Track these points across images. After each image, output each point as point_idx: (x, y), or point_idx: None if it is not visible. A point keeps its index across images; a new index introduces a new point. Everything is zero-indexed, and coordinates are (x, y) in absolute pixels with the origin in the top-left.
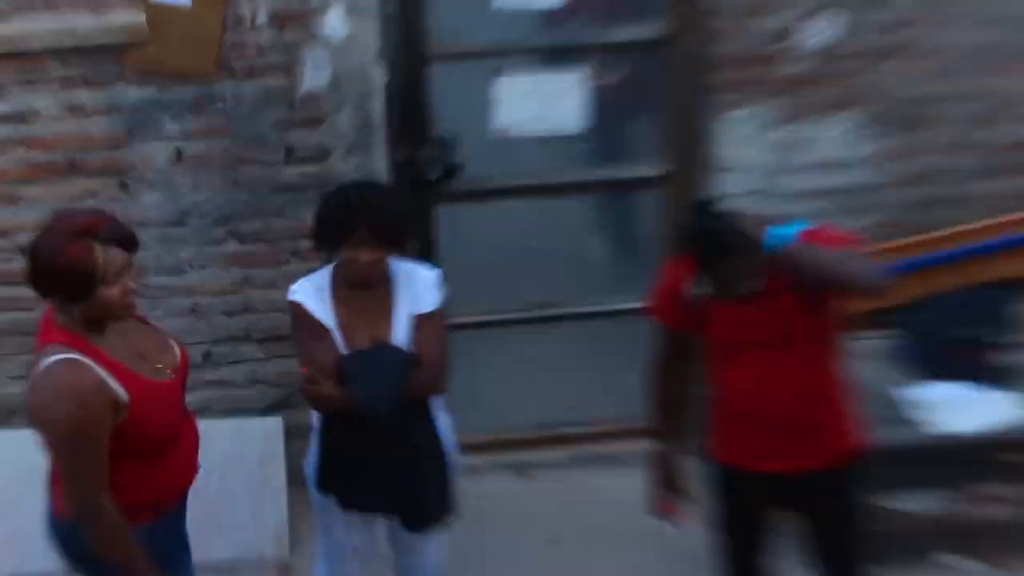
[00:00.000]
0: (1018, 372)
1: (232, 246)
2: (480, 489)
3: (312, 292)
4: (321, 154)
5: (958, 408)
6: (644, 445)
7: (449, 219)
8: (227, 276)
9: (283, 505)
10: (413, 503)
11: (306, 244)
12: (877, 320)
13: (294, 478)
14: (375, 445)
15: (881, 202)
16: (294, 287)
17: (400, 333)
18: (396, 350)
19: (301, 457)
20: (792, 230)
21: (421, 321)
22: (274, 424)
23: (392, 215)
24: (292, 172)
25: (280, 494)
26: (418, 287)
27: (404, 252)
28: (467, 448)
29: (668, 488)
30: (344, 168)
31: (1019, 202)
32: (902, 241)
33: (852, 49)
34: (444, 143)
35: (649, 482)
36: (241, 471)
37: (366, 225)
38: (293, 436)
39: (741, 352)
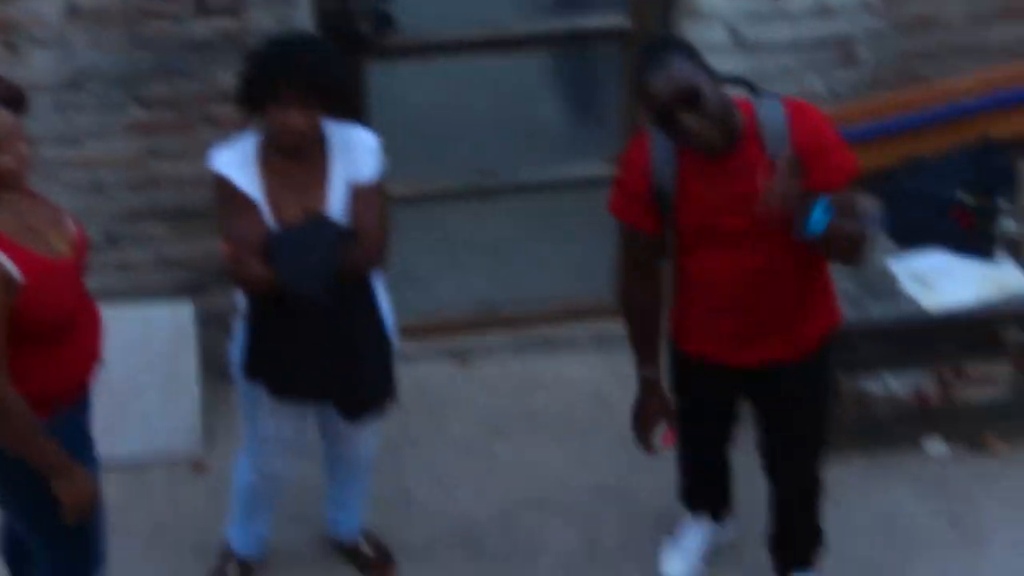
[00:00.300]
0: (1013, 240)
1: (135, 113)
2: (414, 376)
3: (237, 161)
4: (236, 6)
5: (948, 280)
6: (592, 327)
7: (382, 78)
8: (130, 147)
9: (196, 397)
10: (349, 389)
11: (220, 110)
12: (860, 185)
13: (208, 368)
14: (307, 328)
15: (869, 54)
16: (216, 155)
17: (335, 205)
18: (329, 225)
19: (215, 345)
20: (825, 213)
21: (358, 191)
22: (184, 310)
23: (326, 72)
24: (203, 27)
25: (192, 385)
26: (355, 153)
27: (340, 114)
28: (401, 333)
29: (656, 415)
30: (264, 21)
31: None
32: (888, 98)
33: None
34: None
35: (638, 411)
36: (149, 361)
37: (296, 84)
38: (206, 322)
39: (712, 237)
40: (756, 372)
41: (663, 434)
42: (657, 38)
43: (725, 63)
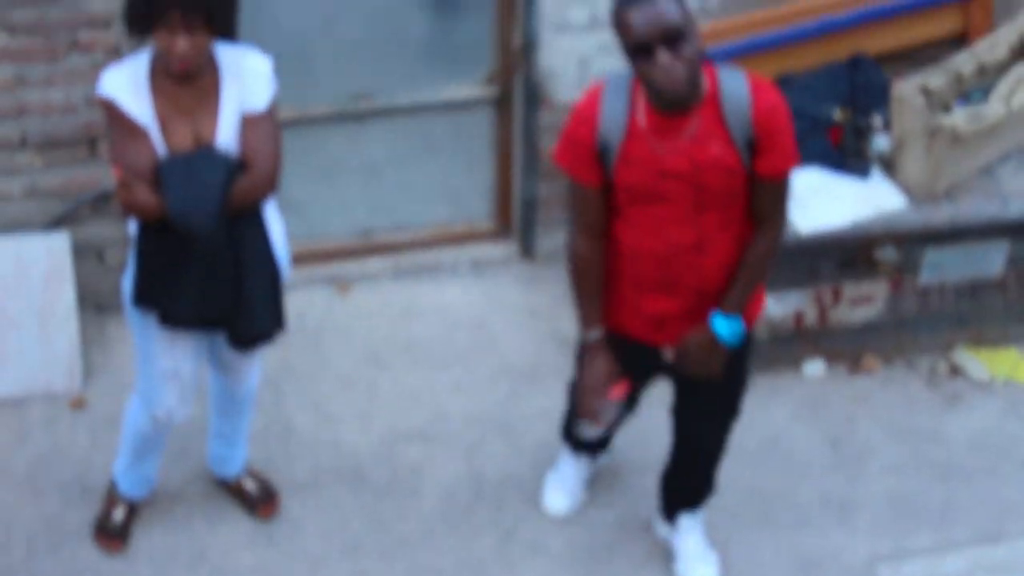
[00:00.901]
0: (887, 157)
1: (0, 39)
2: (293, 304)
3: (127, 84)
4: None
5: (823, 199)
6: (470, 252)
7: (250, 1)
8: None
9: (73, 331)
10: (239, 317)
11: (88, 35)
12: None
13: (85, 301)
14: (196, 256)
15: None
16: (105, 78)
17: (227, 132)
18: (218, 154)
19: (92, 278)
20: (737, 328)
21: (251, 119)
22: (59, 241)
23: None
24: None
25: (70, 319)
26: (247, 79)
27: (231, 36)
28: None
29: (608, 378)
30: None
31: None
32: (759, 14)
33: None
34: None
35: (587, 378)
36: (24, 295)
37: (179, 6)
38: (82, 254)
39: (650, 202)
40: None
41: (613, 391)
42: None
43: None
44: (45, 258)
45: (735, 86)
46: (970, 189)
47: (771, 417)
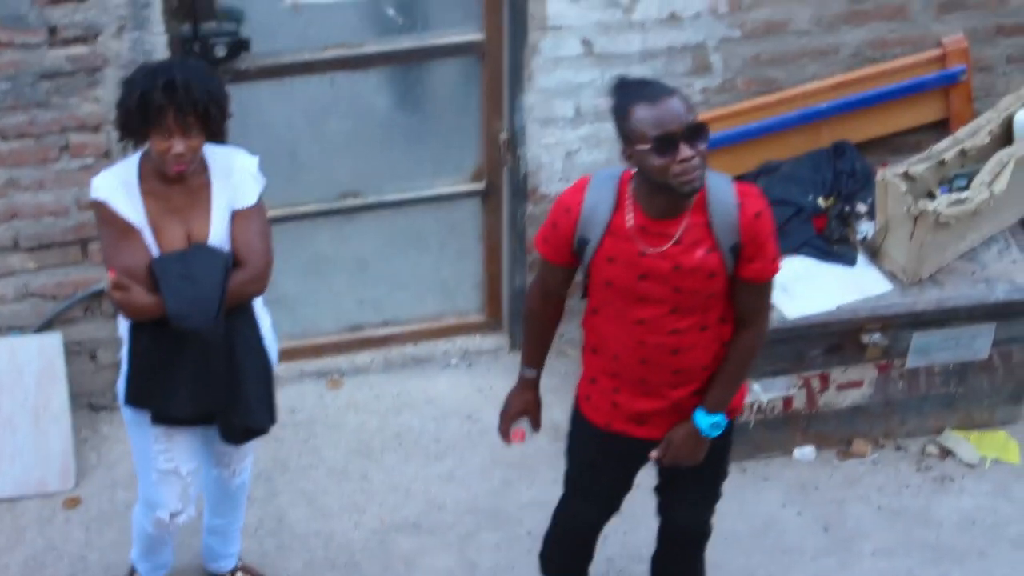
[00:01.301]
0: (872, 243)
1: None
2: (285, 399)
3: (118, 187)
4: (90, 32)
5: (809, 286)
6: (459, 344)
7: (239, 101)
8: None
9: (67, 430)
10: (234, 411)
11: (78, 138)
12: None
13: (78, 400)
14: (189, 353)
15: (722, 62)
16: (97, 182)
17: (219, 230)
18: (213, 252)
19: (85, 377)
20: (720, 422)
21: (241, 216)
22: (52, 341)
23: (206, 95)
24: (58, 55)
25: (63, 418)
26: (236, 178)
27: (220, 138)
28: None
29: (522, 409)
30: (117, 47)
31: (878, 51)
32: (740, 105)
33: None
34: (229, 15)
35: (507, 402)
36: (17, 394)
37: (177, 109)
38: (75, 354)
39: (627, 302)
40: (656, 442)
41: (515, 430)
42: (629, 78)
43: (579, 75)
44: (38, 358)
45: (723, 192)
46: (955, 273)
47: (763, 502)
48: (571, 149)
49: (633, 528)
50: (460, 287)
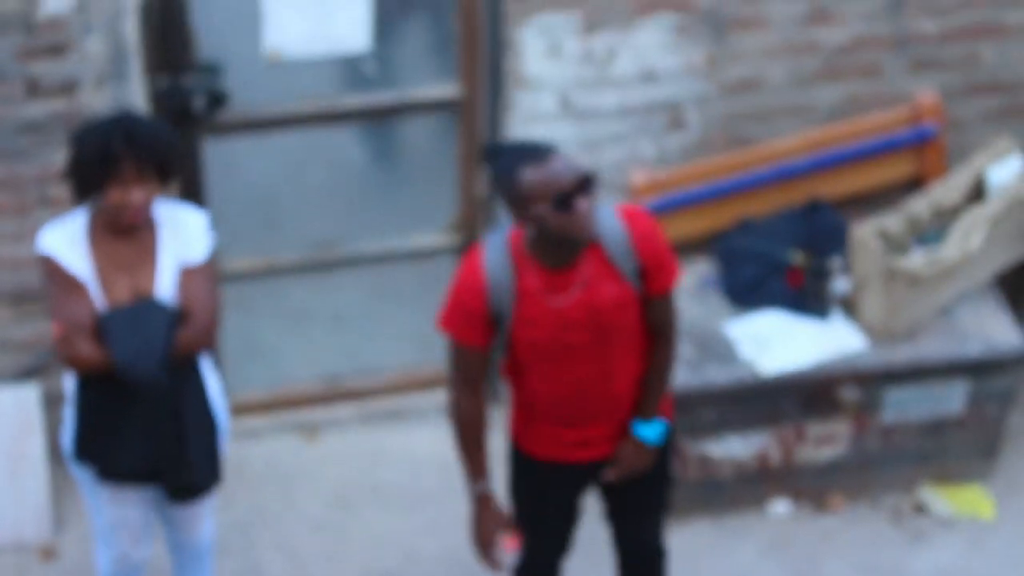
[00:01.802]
0: (846, 298)
1: None
2: (260, 451)
3: (64, 241)
4: (68, 86)
5: (784, 341)
6: (436, 397)
7: (217, 154)
8: None
9: (44, 481)
10: (178, 471)
11: (56, 191)
12: (692, 248)
13: (55, 451)
14: (136, 409)
15: (697, 117)
16: (43, 236)
17: (165, 286)
18: (159, 307)
19: (61, 428)
20: (660, 427)
21: (189, 271)
22: (29, 393)
23: (164, 144)
24: (36, 108)
25: (40, 469)
26: (185, 233)
27: (170, 189)
28: (246, 408)
29: (496, 528)
30: (96, 101)
31: (853, 108)
32: (716, 161)
33: None
34: (208, 68)
35: (477, 529)
36: None
37: (134, 159)
38: (52, 405)
39: (554, 352)
40: (600, 462)
41: (506, 543)
42: (503, 143)
43: (557, 131)
44: (15, 409)
45: (609, 222)
46: (929, 329)
47: (737, 557)
48: None
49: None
50: (437, 340)
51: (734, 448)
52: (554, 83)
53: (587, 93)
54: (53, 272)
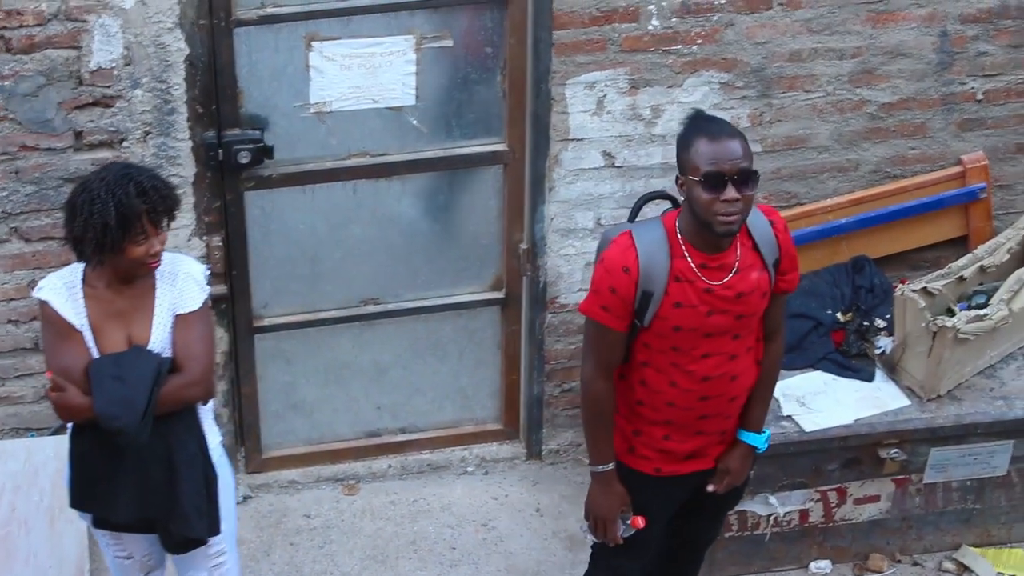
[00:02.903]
0: (889, 357)
1: (16, 245)
2: (299, 504)
3: (61, 289)
4: (115, 137)
5: (827, 400)
6: (476, 452)
7: (260, 207)
8: (11, 279)
9: (83, 530)
10: (172, 521)
11: None
12: None
13: None
14: (128, 459)
15: None
16: (42, 283)
17: (159, 334)
18: (147, 354)
19: None
20: (767, 435)
21: (183, 321)
22: (66, 444)
23: (170, 191)
24: (83, 159)
25: (77, 520)
26: (180, 283)
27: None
28: (286, 461)
29: (621, 501)
30: (142, 152)
31: (898, 168)
32: None
33: (708, 1)
34: (253, 122)
35: (602, 506)
36: (33, 495)
37: (151, 210)
38: None
39: (699, 341)
40: (705, 472)
41: (631, 521)
42: (706, 113)
43: (601, 186)
44: (54, 459)
45: (756, 217)
46: (973, 389)
47: None
48: (590, 260)
49: None
50: (478, 395)
51: (776, 506)
52: (599, 139)
53: (632, 149)
54: (49, 319)
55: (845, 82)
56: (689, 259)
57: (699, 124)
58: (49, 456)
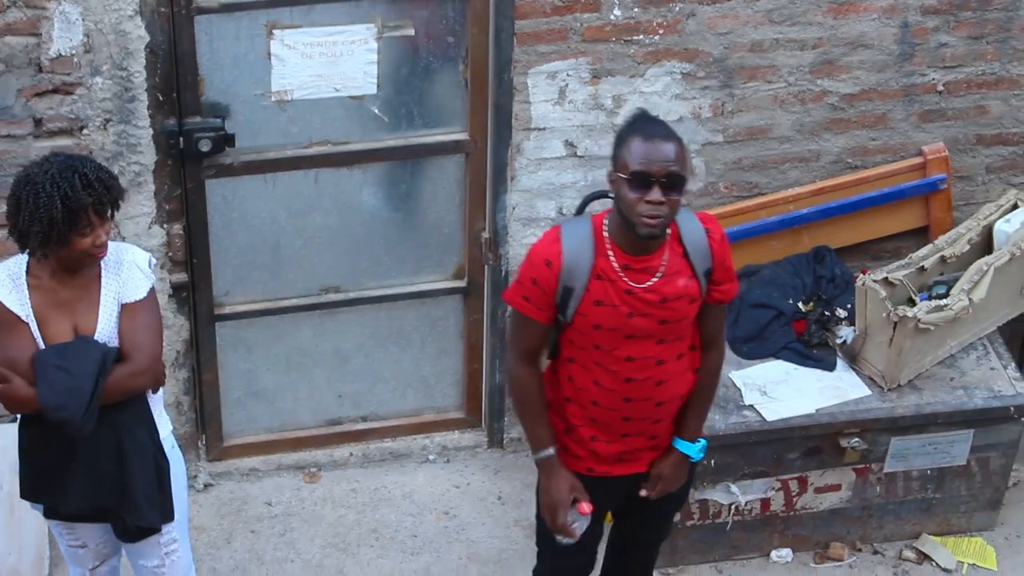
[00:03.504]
0: (851, 347)
1: None
2: (260, 492)
3: (6, 280)
4: (75, 125)
5: (789, 389)
6: (438, 440)
7: (221, 195)
8: None
9: (41, 519)
10: (124, 509)
11: None
12: None
13: None
14: (78, 450)
15: (704, 165)
16: None
17: (105, 324)
18: (91, 344)
19: None
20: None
21: (129, 310)
22: None
23: (114, 182)
24: (43, 146)
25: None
26: (126, 271)
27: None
28: (247, 449)
29: (569, 492)
30: (102, 140)
31: (859, 159)
32: (721, 209)
33: None
34: (214, 110)
35: (551, 495)
36: None
37: (96, 202)
38: None
39: (620, 342)
40: (634, 477)
41: (578, 507)
42: (651, 114)
43: (563, 175)
44: (14, 447)
45: (691, 224)
46: (933, 379)
47: None
48: None
49: None
50: (440, 383)
51: (737, 495)
52: (561, 128)
53: (593, 139)
54: None
55: (807, 73)
56: (612, 259)
57: (638, 123)
58: (9, 443)
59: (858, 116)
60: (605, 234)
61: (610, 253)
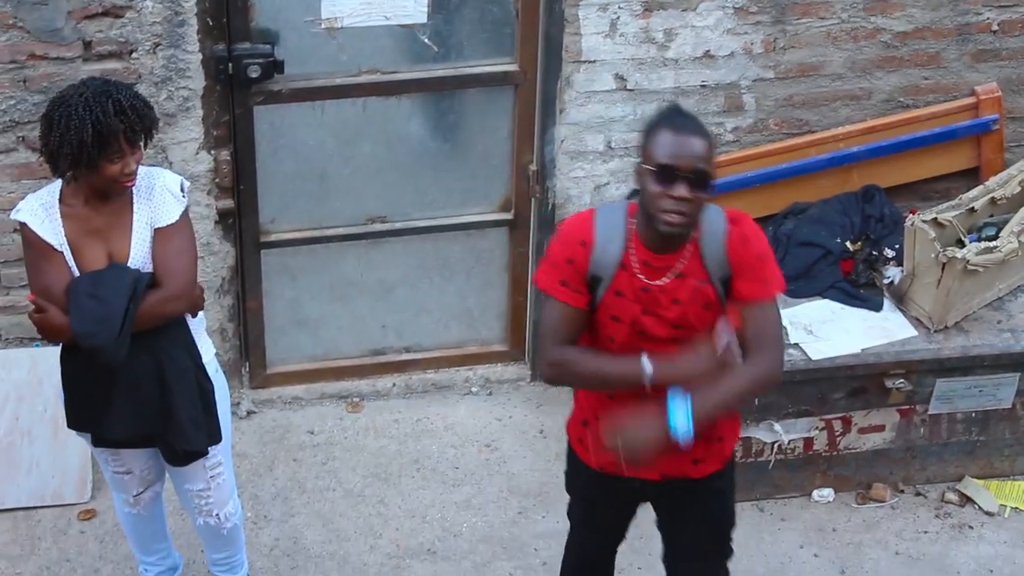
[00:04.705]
0: (897, 287)
1: (23, 155)
2: (303, 421)
3: (39, 209)
4: (124, 48)
5: (834, 329)
6: (481, 373)
7: (269, 122)
8: (18, 188)
9: (85, 443)
10: (169, 434)
11: None
12: None
13: None
14: (119, 376)
15: (755, 102)
16: (20, 205)
17: (139, 250)
18: (124, 270)
19: None
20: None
21: (161, 235)
22: None
23: (148, 110)
24: (91, 69)
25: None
26: (158, 196)
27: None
28: (290, 377)
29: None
30: (151, 64)
31: (911, 98)
32: (771, 146)
33: None
34: (264, 36)
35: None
36: (37, 405)
37: (128, 129)
38: None
39: (635, 337)
40: (658, 484)
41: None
42: (683, 108)
43: (612, 109)
44: (58, 370)
45: (714, 223)
46: (980, 321)
47: (780, 543)
48: (600, 183)
49: (651, 565)
50: (484, 316)
51: (780, 433)
52: (611, 61)
53: (644, 73)
54: (28, 240)
55: (860, 9)
56: (634, 252)
57: (668, 115)
58: (53, 366)
59: (911, 54)
60: (633, 226)
61: (634, 246)
